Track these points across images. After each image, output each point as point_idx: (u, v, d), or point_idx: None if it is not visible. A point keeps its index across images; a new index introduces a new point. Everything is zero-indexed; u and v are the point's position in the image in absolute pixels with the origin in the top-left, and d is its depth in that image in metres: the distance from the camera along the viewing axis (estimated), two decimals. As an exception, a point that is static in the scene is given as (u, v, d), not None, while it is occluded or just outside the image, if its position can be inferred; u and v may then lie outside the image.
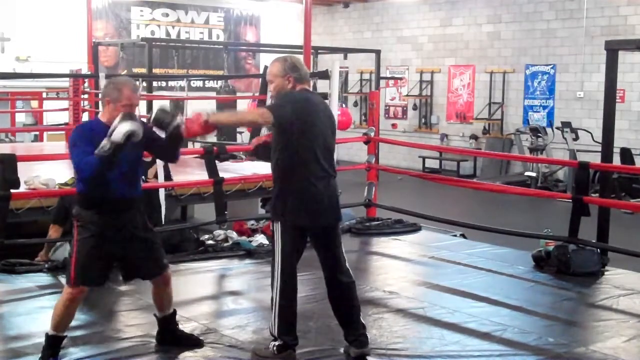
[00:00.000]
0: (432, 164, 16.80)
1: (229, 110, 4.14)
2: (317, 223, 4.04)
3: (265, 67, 10.36)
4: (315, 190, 3.98)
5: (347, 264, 4.17)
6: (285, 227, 3.97)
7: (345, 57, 16.03)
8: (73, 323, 4.13)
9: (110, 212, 3.95)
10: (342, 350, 4.33)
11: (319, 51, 14.92)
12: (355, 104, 18.59)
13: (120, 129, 3.68)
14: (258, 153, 4.39)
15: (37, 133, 14.09)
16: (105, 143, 3.69)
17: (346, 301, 4.15)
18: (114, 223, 3.96)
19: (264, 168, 7.98)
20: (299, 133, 3.90)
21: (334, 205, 4.11)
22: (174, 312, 4.32)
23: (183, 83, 15.36)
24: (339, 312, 4.19)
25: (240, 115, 3.91)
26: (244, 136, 15.31)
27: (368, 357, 4.17)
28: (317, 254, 4.15)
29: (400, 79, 17.83)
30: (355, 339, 4.17)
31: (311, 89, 4.20)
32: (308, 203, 3.97)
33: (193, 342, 4.36)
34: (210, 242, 6.87)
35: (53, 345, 3.98)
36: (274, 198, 4.06)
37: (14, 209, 6.05)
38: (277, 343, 4.02)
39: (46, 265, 5.97)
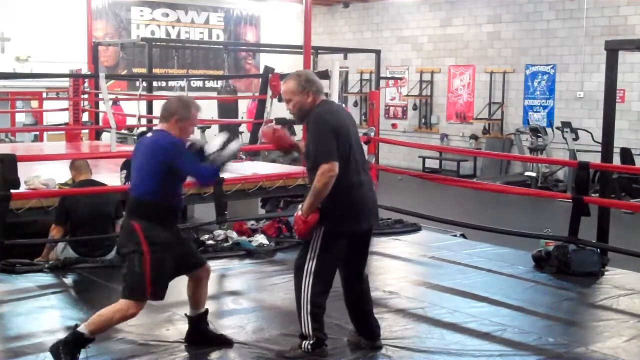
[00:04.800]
0: (432, 164, 16.80)
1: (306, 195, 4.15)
2: (364, 227, 4.12)
3: (266, 67, 10.49)
4: (361, 195, 4.05)
5: None
6: (332, 233, 3.99)
7: (345, 57, 16.04)
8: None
9: (173, 223, 4.08)
10: (345, 339, 4.38)
11: (319, 51, 14.93)
12: (355, 104, 18.59)
13: (232, 147, 4.06)
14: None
15: (37, 133, 14.10)
16: (219, 156, 4.00)
17: (365, 294, 4.27)
18: (172, 234, 4.05)
19: (264, 168, 7.98)
20: (339, 146, 3.93)
21: (376, 207, 4.26)
22: (207, 311, 4.33)
23: (183, 83, 15.35)
24: (357, 305, 4.26)
25: (317, 189, 3.88)
26: (244, 136, 15.32)
27: (373, 351, 4.26)
28: (348, 254, 4.14)
29: (400, 79, 17.83)
30: (370, 331, 4.30)
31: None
32: (356, 209, 4.03)
33: (224, 341, 4.37)
34: (210, 242, 6.86)
35: (80, 345, 3.92)
36: (321, 205, 3.98)
37: (14, 209, 6.04)
38: (311, 341, 4.02)
39: (46, 265, 5.97)
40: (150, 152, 3.98)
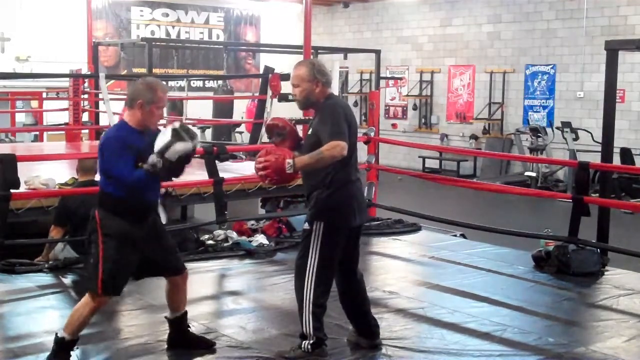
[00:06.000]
0: (432, 164, 16.80)
1: (308, 153, 4.03)
2: (358, 222, 4.14)
3: (266, 67, 10.48)
4: (359, 191, 4.14)
5: None
6: (332, 228, 4.00)
7: (345, 57, 16.04)
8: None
9: (138, 218, 3.90)
10: (345, 339, 4.37)
11: (319, 51, 14.92)
12: (355, 104, 18.58)
13: (177, 148, 3.67)
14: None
15: (37, 133, 14.09)
16: (156, 160, 3.66)
17: (362, 292, 4.29)
18: (139, 228, 3.90)
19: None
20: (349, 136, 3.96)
21: (366, 205, 4.32)
22: (186, 313, 4.26)
23: (183, 83, 15.39)
24: (354, 304, 4.27)
25: (324, 155, 3.83)
26: (244, 136, 15.32)
27: (373, 350, 4.26)
28: (344, 251, 4.13)
29: (400, 79, 17.83)
30: (368, 330, 4.30)
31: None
32: (355, 203, 4.08)
33: (205, 344, 4.29)
34: (210, 242, 6.86)
35: (67, 350, 3.91)
36: (320, 200, 4.01)
37: (14, 209, 6.04)
38: (311, 341, 4.02)
39: (46, 265, 5.97)
40: (99, 149, 3.89)
